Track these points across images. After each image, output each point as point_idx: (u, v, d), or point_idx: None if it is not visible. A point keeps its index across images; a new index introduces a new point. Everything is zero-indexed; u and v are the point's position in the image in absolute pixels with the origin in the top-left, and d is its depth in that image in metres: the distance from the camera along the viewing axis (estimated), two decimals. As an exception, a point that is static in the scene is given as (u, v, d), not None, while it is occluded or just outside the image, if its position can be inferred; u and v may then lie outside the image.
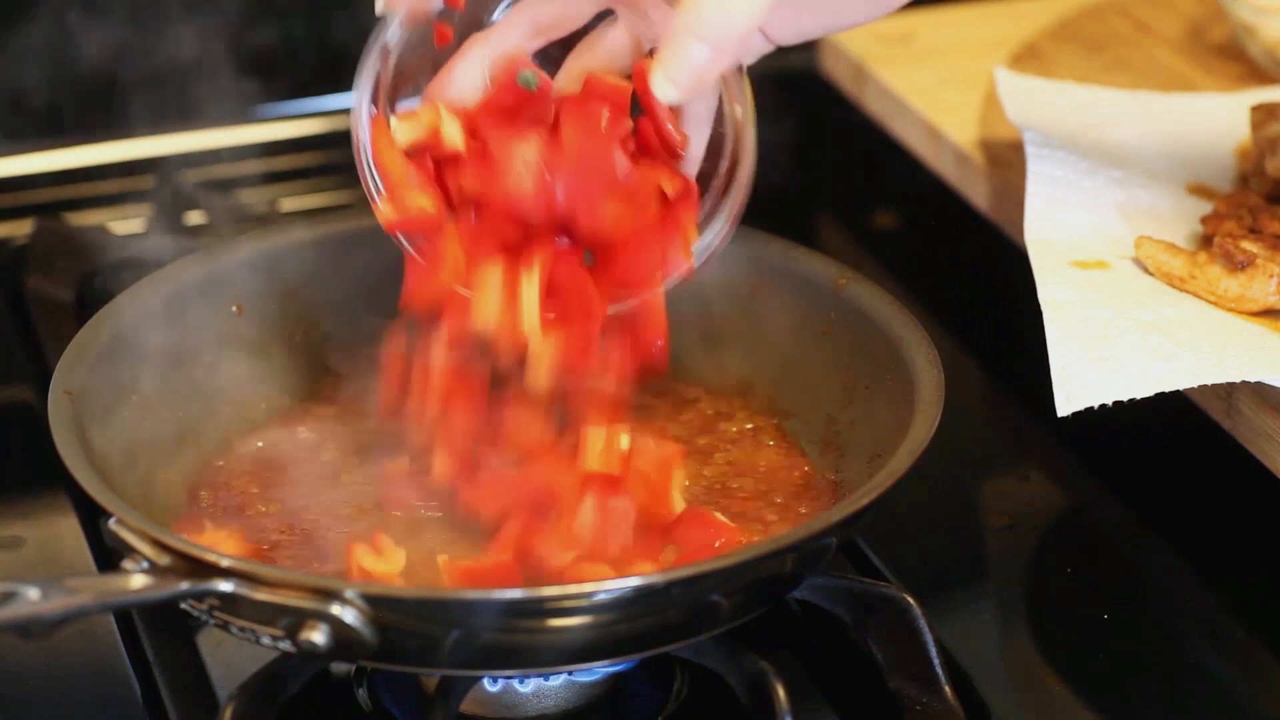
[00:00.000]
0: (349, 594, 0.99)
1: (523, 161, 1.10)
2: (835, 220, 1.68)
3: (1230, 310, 1.27)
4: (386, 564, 1.09)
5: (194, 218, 1.61)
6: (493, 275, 1.12)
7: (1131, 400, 1.18)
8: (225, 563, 1.01)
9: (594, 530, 1.11)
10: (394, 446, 1.19)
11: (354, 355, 1.30)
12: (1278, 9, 1.58)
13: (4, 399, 1.44)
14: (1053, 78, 1.57)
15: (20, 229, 1.57)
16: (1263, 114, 1.43)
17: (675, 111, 1.12)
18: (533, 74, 1.11)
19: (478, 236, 1.13)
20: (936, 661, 1.11)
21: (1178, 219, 1.38)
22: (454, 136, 1.12)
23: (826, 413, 1.23)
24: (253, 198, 1.64)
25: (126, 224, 1.61)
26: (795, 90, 1.73)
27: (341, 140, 1.70)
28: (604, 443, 1.11)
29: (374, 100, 1.15)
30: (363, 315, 1.31)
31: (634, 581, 1.01)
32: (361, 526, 1.15)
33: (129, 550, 1.02)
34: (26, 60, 1.64)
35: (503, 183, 1.11)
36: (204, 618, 1.03)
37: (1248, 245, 1.28)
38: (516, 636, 1.03)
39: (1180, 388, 1.19)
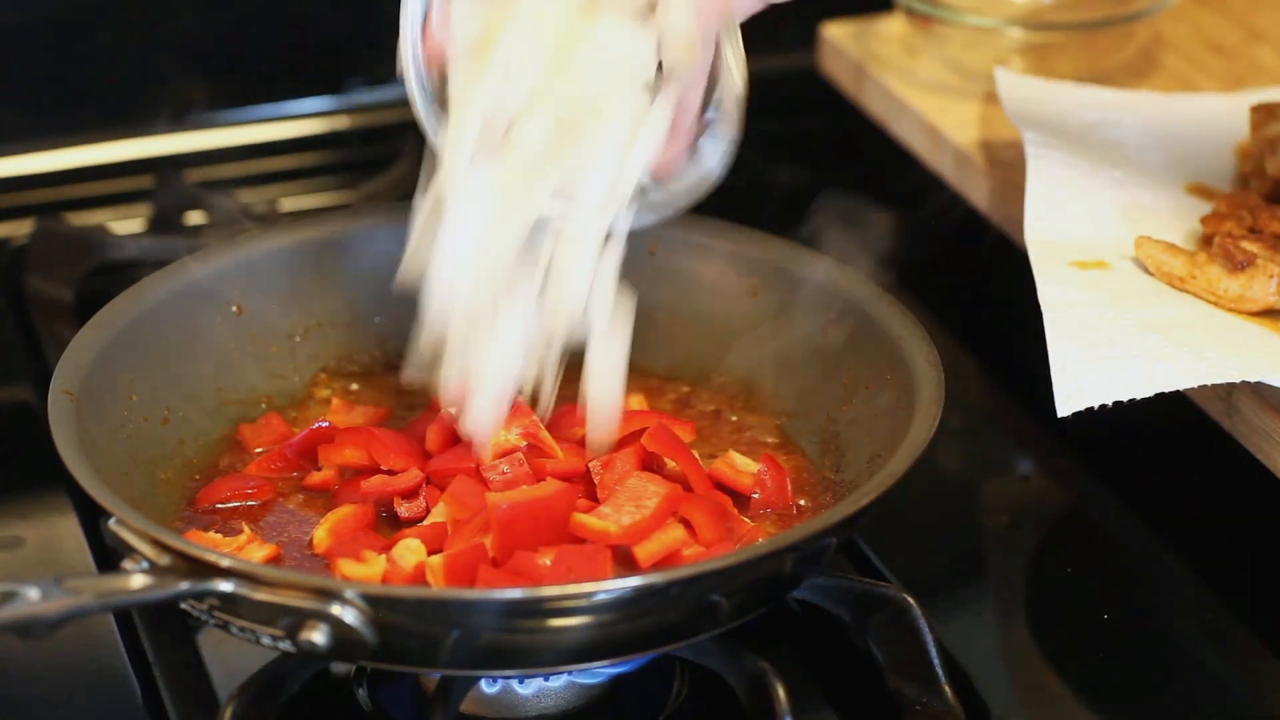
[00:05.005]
0: (349, 594, 0.99)
1: None
2: (835, 220, 1.68)
3: (1230, 310, 1.27)
4: (368, 569, 1.09)
5: (194, 218, 1.62)
6: None
7: (1131, 400, 1.18)
8: (225, 563, 1.01)
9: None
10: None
11: (353, 356, 1.31)
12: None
13: (4, 399, 1.44)
14: (1053, 78, 1.57)
15: (20, 229, 1.57)
16: (1263, 114, 1.43)
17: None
18: None
19: None
20: (936, 661, 1.11)
21: (1178, 219, 1.38)
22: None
23: (826, 413, 1.23)
24: (253, 198, 1.64)
25: (126, 224, 1.61)
26: (795, 90, 1.73)
27: (341, 140, 1.71)
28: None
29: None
30: (363, 315, 1.31)
31: (634, 581, 1.01)
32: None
33: (129, 550, 1.02)
34: (28, 59, 1.65)
35: None
36: (204, 618, 1.03)
37: (1248, 245, 1.28)
38: (517, 636, 1.03)
39: (1180, 388, 1.19)
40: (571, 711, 1.12)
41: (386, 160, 1.65)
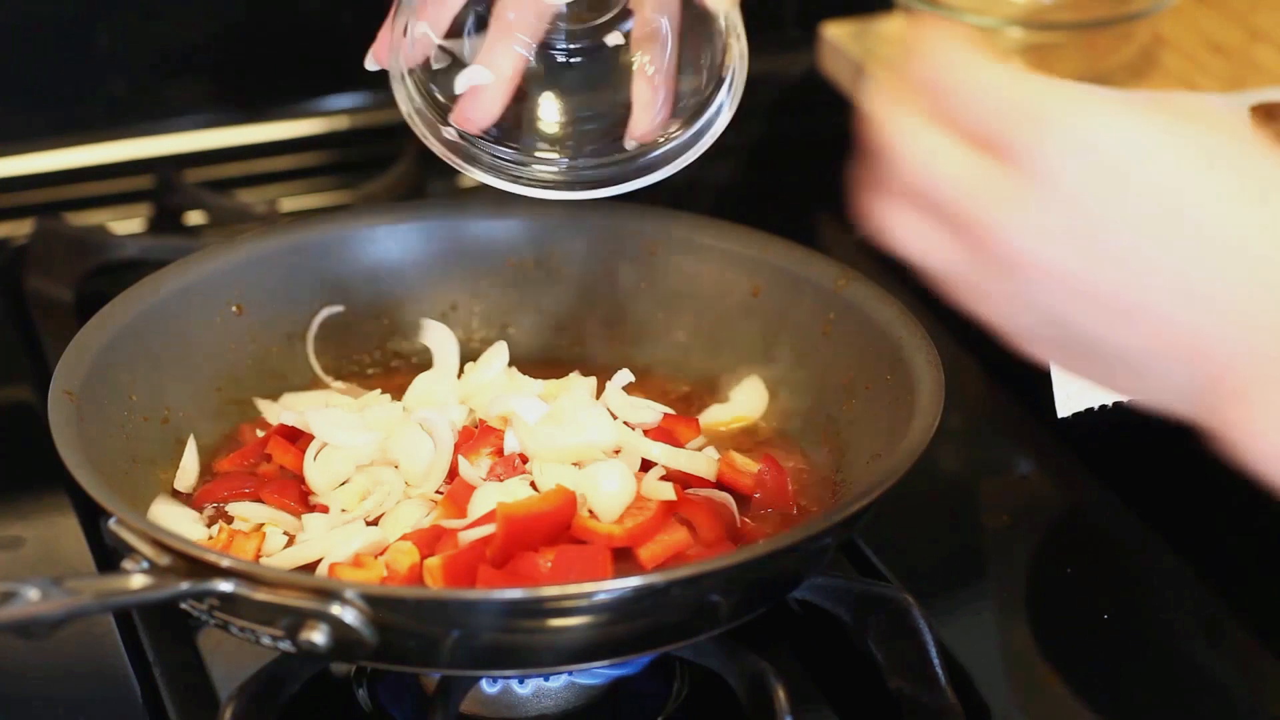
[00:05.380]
0: (349, 594, 0.99)
1: None
2: (835, 220, 1.68)
3: (1230, 310, 1.27)
4: (366, 574, 1.09)
5: (194, 218, 1.61)
6: None
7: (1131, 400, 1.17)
8: (225, 563, 1.01)
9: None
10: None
11: (353, 356, 1.31)
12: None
13: (4, 399, 1.44)
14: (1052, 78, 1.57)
15: (20, 229, 1.57)
16: (1263, 114, 1.43)
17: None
18: None
19: None
20: (936, 661, 1.11)
21: (1178, 219, 1.37)
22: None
23: (826, 413, 1.23)
24: (253, 198, 1.64)
25: (126, 224, 1.61)
26: (795, 90, 1.73)
27: (341, 140, 1.71)
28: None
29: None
30: (362, 315, 1.31)
31: (634, 581, 1.01)
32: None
33: (129, 550, 1.02)
34: (28, 59, 1.65)
35: None
36: (204, 618, 1.03)
37: (1248, 245, 1.28)
38: (516, 636, 1.03)
39: (1180, 388, 1.18)
40: (571, 711, 1.12)
41: (386, 160, 1.65)
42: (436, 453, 1.17)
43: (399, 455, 1.18)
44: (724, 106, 1.15)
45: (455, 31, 1.16)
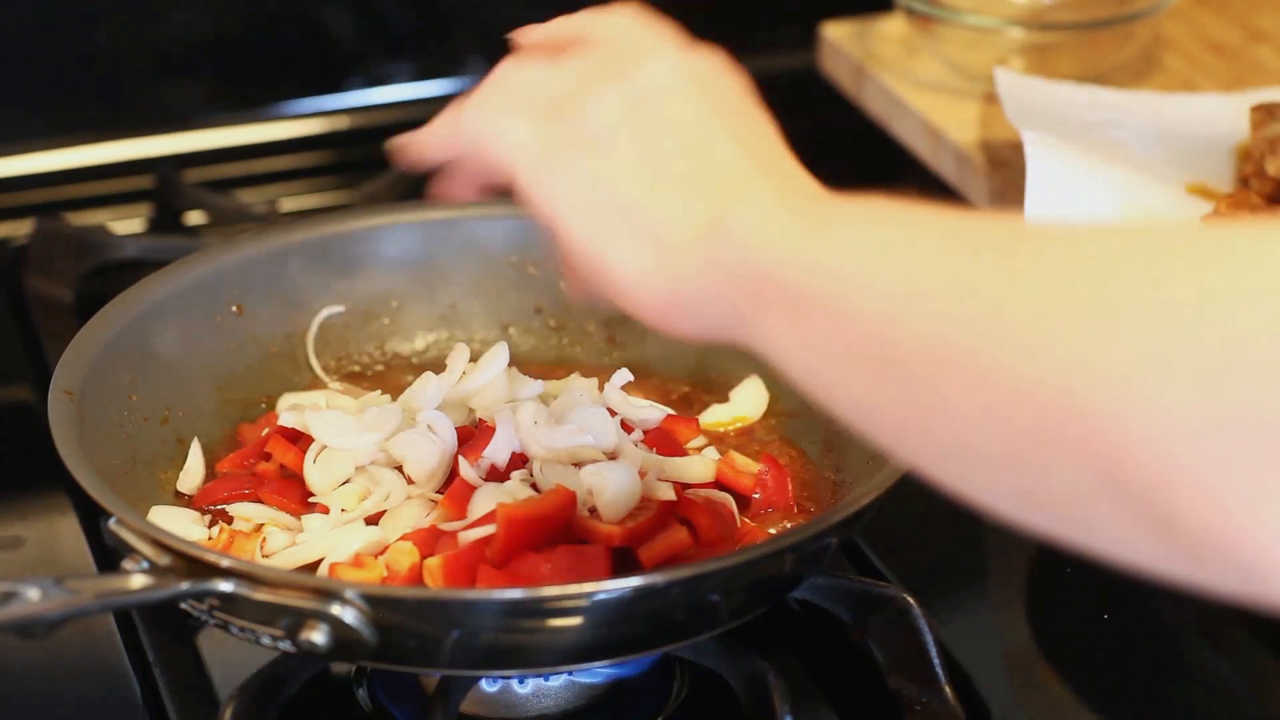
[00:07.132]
0: (349, 594, 0.99)
1: None
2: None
3: (1230, 310, 1.27)
4: (366, 574, 1.09)
5: (194, 218, 1.61)
6: None
7: (1131, 400, 1.17)
8: (225, 563, 1.01)
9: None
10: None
11: (353, 356, 1.31)
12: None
13: (4, 399, 1.44)
14: (1053, 78, 1.57)
15: (20, 229, 1.57)
16: (1263, 114, 1.43)
17: None
18: None
19: None
20: (936, 661, 1.11)
21: (1178, 219, 1.38)
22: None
23: (827, 413, 1.23)
24: (253, 198, 1.64)
25: (126, 224, 1.61)
26: (795, 90, 1.73)
27: (341, 140, 1.71)
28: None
29: None
30: (363, 315, 1.31)
31: (634, 581, 1.01)
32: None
33: (129, 550, 1.02)
34: (28, 59, 1.65)
35: None
36: (204, 618, 1.03)
37: (1248, 245, 1.28)
38: (516, 636, 1.03)
39: (1180, 388, 1.18)
40: (571, 711, 1.12)
41: (386, 160, 1.64)
42: (442, 452, 1.17)
43: (405, 455, 1.18)
44: None
45: None
